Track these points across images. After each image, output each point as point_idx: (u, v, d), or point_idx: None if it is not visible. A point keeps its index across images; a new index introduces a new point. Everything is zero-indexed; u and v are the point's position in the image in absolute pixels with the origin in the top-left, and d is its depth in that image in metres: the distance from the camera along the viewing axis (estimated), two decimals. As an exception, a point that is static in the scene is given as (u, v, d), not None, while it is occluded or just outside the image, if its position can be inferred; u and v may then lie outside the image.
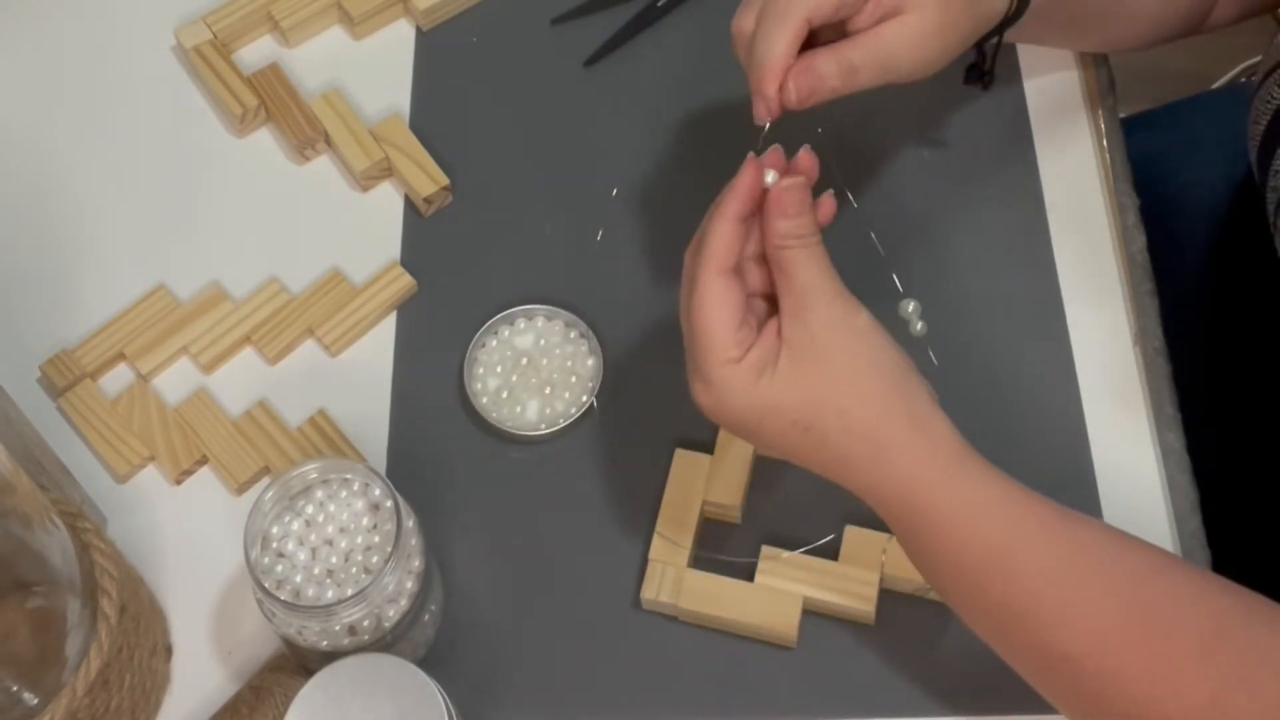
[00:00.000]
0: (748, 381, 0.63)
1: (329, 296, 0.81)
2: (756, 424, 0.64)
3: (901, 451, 0.63)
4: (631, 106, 0.87)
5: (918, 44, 0.69)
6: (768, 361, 0.63)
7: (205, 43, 0.88)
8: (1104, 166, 0.84)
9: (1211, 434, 0.80)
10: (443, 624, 0.73)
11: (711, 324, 0.64)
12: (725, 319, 0.64)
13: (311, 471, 0.67)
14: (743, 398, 0.64)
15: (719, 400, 0.64)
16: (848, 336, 0.64)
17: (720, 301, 0.64)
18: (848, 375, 0.63)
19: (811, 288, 0.63)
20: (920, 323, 0.77)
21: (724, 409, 0.64)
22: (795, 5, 0.66)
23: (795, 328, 0.63)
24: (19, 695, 0.62)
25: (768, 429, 0.64)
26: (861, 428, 0.63)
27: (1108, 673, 0.60)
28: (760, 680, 0.71)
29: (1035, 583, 0.61)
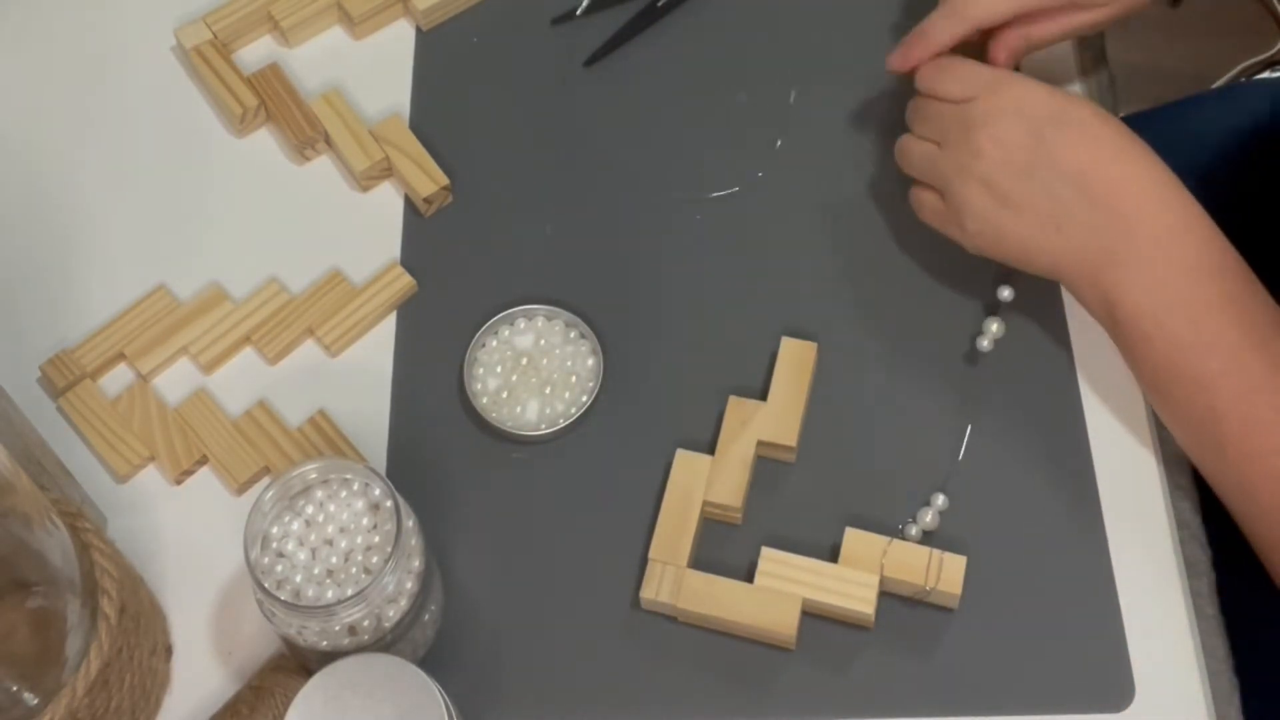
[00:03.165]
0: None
1: (329, 296, 0.81)
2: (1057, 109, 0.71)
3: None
4: (631, 106, 0.87)
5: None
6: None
7: (205, 43, 0.88)
8: (1104, 167, 0.84)
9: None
10: (443, 624, 0.73)
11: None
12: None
13: (311, 471, 0.67)
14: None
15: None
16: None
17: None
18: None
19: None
20: (988, 341, 0.78)
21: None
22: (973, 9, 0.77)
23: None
24: (19, 695, 0.62)
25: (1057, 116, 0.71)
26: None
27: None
28: (759, 681, 0.71)
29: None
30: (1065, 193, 0.70)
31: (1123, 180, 0.70)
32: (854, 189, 0.84)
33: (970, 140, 0.73)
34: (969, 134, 0.73)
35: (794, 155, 0.85)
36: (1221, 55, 1.78)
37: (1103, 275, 0.70)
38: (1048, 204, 0.71)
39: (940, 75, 0.76)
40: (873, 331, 0.80)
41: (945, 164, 0.74)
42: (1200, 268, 0.69)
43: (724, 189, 0.84)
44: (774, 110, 0.87)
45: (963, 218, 0.74)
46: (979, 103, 0.73)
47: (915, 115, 0.77)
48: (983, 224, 0.73)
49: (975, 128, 0.72)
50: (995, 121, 0.72)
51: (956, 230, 0.75)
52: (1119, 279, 0.69)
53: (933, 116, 0.76)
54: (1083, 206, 0.70)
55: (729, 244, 0.83)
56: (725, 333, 0.80)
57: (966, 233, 0.74)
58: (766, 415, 0.76)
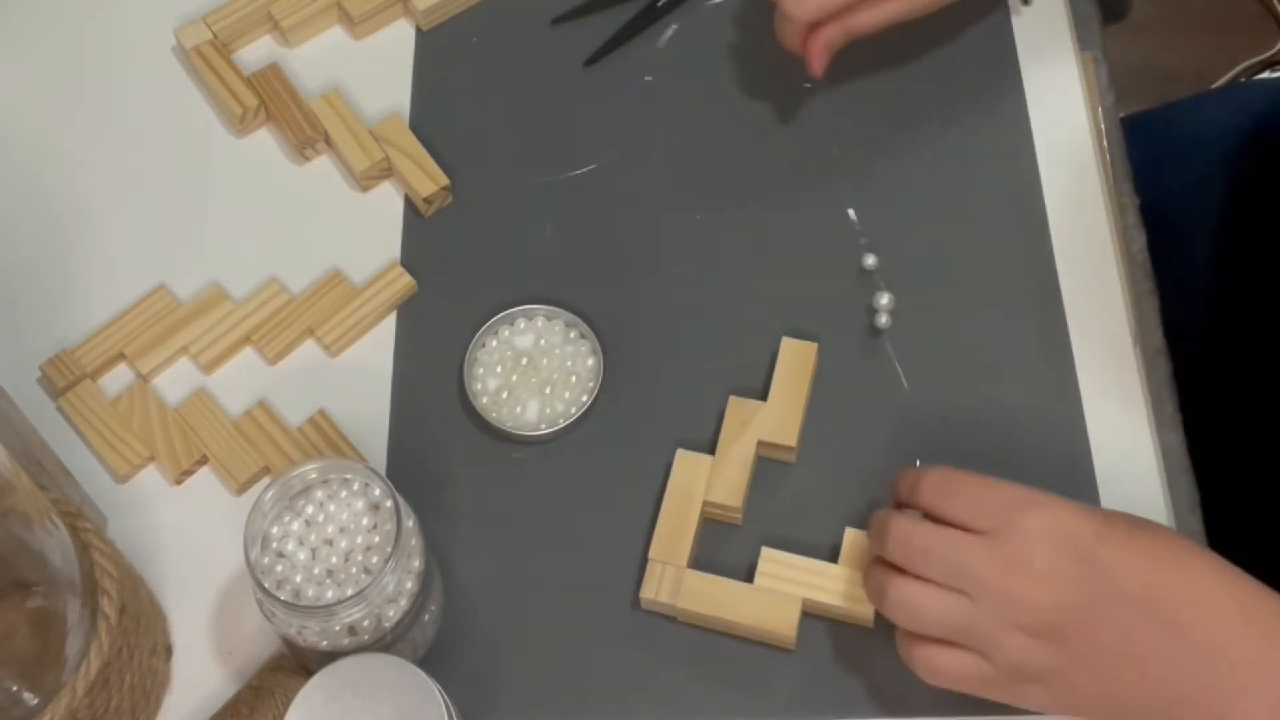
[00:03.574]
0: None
1: (329, 296, 0.81)
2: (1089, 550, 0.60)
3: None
4: (631, 106, 0.87)
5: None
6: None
7: (205, 43, 0.88)
8: (1104, 166, 0.84)
9: (1211, 434, 0.80)
10: (443, 624, 0.73)
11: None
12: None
13: (311, 471, 0.67)
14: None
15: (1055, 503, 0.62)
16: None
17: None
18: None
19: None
20: (886, 316, 0.77)
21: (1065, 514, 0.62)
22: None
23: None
24: (19, 695, 0.62)
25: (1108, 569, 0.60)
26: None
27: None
28: (759, 681, 0.71)
29: None
30: (1137, 622, 0.60)
31: (1199, 598, 0.60)
32: (853, 184, 0.84)
33: (1008, 587, 0.61)
34: (1006, 580, 0.61)
35: (794, 154, 0.85)
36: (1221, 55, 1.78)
37: (1212, 712, 0.60)
38: (1121, 642, 0.60)
39: (946, 497, 0.63)
40: (873, 332, 0.80)
41: (985, 621, 0.61)
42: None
43: (723, 188, 0.84)
44: (773, 109, 0.87)
45: (1023, 684, 0.62)
46: (1004, 539, 0.61)
47: (912, 553, 0.63)
48: (1050, 686, 0.62)
49: (1010, 571, 0.61)
50: (1033, 557, 0.60)
51: (1014, 695, 0.63)
52: (1228, 712, 0.60)
53: (945, 558, 0.62)
54: (1160, 636, 0.60)
55: (729, 244, 0.83)
56: (725, 333, 0.80)
57: (1028, 698, 0.63)
58: (767, 415, 0.76)
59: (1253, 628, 0.60)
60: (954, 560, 0.62)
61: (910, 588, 0.63)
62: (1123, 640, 0.60)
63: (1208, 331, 0.94)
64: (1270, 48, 1.78)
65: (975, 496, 0.63)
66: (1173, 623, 0.60)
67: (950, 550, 0.62)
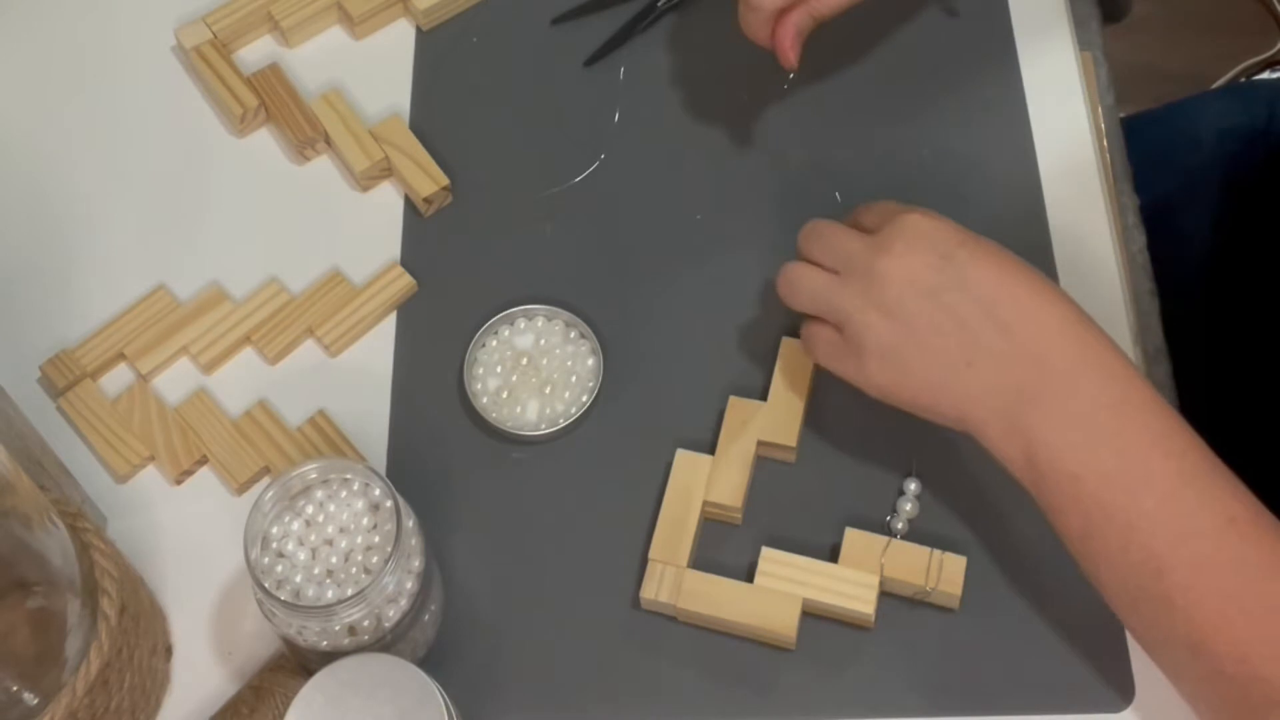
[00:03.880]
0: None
1: (329, 296, 0.81)
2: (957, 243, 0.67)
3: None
4: (631, 106, 0.87)
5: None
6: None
7: (205, 43, 0.88)
8: (1104, 166, 0.84)
9: (1211, 433, 0.80)
10: (443, 624, 0.73)
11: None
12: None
13: (311, 471, 0.67)
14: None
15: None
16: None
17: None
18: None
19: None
20: (912, 502, 0.75)
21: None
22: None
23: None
24: (19, 695, 0.62)
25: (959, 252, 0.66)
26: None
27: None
28: (759, 681, 0.71)
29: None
30: (975, 318, 0.65)
31: (1035, 310, 0.65)
32: (855, 187, 0.84)
33: (873, 266, 0.67)
34: (872, 259, 0.67)
35: (794, 154, 0.85)
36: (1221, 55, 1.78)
37: (1017, 417, 0.64)
38: (956, 332, 0.66)
39: (864, 213, 0.72)
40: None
41: (843, 294, 0.68)
42: (1123, 402, 0.64)
43: (724, 188, 0.85)
44: (773, 109, 0.87)
45: (863, 353, 0.68)
46: (883, 232, 0.68)
47: (810, 239, 0.72)
48: (884, 359, 0.67)
49: (879, 253, 0.67)
50: (902, 246, 0.67)
51: (854, 368, 0.69)
52: (1036, 419, 0.64)
53: (832, 243, 0.70)
54: (994, 335, 0.65)
55: (730, 243, 0.83)
56: (726, 333, 0.80)
57: (866, 371, 0.68)
58: (767, 415, 0.76)
59: (1076, 348, 0.65)
60: (836, 245, 0.70)
61: (797, 267, 0.72)
62: (957, 328, 0.66)
63: (1207, 331, 0.94)
64: (1270, 48, 1.78)
65: (880, 207, 0.71)
66: (1005, 325, 0.65)
67: (836, 238, 0.70)
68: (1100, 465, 0.63)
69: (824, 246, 0.71)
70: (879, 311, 0.67)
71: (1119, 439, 0.63)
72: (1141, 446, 0.63)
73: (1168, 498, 0.62)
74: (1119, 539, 0.63)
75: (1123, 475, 0.63)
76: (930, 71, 0.87)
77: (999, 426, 0.65)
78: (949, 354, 0.66)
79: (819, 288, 0.70)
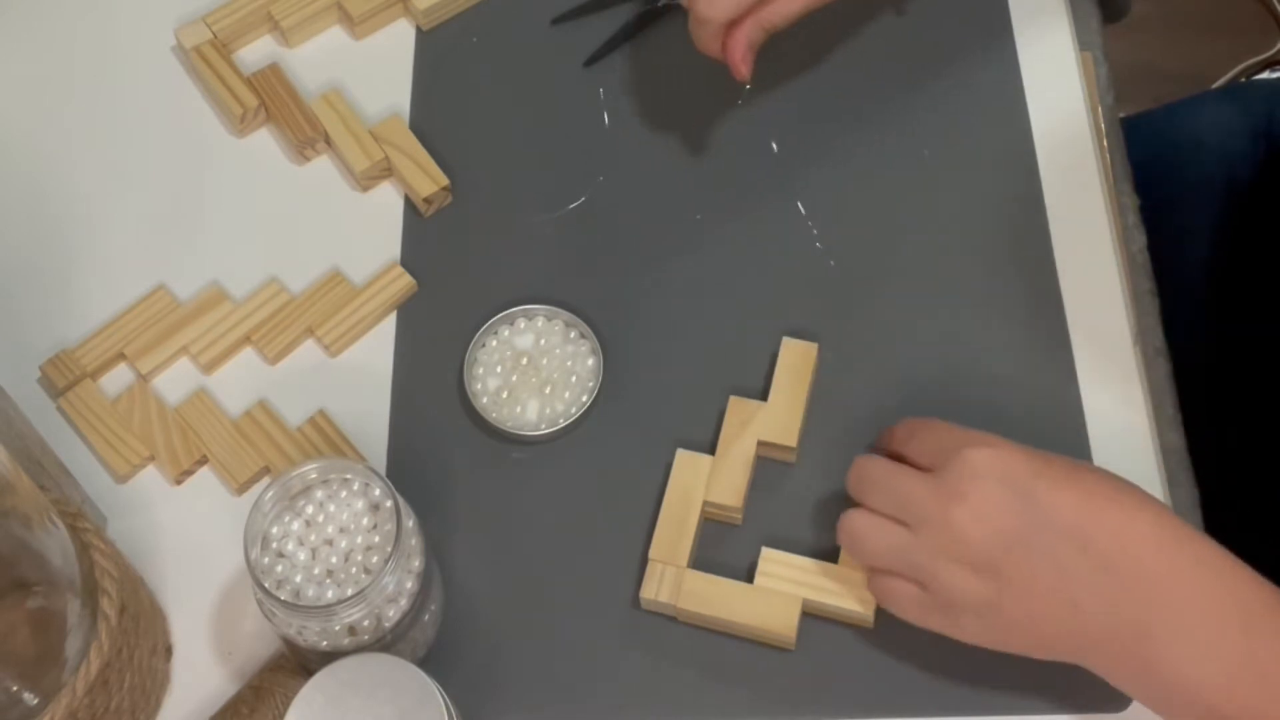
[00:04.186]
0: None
1: (329, 296, 0.81)
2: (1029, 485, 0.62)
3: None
4: (631, 106, 0.87)
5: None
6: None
7: (205, 43, 0.88)
8: (1104, 166, 0.84)
9: (1211, 433, 0.80)
10: (443, 624, 0.73)
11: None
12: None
13: (311, 471, 0.67)
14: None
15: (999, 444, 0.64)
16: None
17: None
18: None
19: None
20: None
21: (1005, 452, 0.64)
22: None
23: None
24: (19, 695, 0.62)
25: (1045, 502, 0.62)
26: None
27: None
28: (759, 682, 0.71)
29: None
30: (1070, 557, 0.61)
31: (1128, 531, 0.61)
32: (854, 187, 0.84)
33: (948, 519, 0.63)
34: (945, 511, 0.63)
35: (793, 155, 0.85)
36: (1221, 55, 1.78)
37: (1139, 651, 0.61)
38: (1054, 576, 0.61)
39: (908, 440, 0.68)
40: (874, 332, 0.80)
41: (921, 552, 0.64)
42: (1243, 613, 0.60)
43: (724, 188, 0.85)
44: (773, 109, 0.87)
45: (954, 610, 0.64)
46: (948, 473, 0.64)
47: (864, 485, 0.67)
48: (981, 616, 0.63)
49: (951, 503, 0.63)
50: (975, 494, 0.63)
51: (948, 625, 0.65)
52: (1161, 654, 0.60)
53: (890, 489, 0.66)
54: (1093, 572, 0.61)
55: (730, 243, 0.83)
56: (726, 333, 0.80)
57: (961, 626, 0.64)
58: (767, 415, 0.76)
59: (1185, 568, 0.61)
60: (898, 492, 0.65)
61: (859, 518, 0.67)
62: (1055, 573, 0.61)
63: (1207, 331, 0.94)
64: (1270, 48, 1.78)
65: (931, 437, 0.66)
66: (1104, 558, 0.61)
67: (895, 482, 0.65)
68: (1244, 699, 0.60)
69: (881, 494, 0.66)
70: (965, 567, 0.63)
71: (1255, 663, 0.60)
72: (1276, 660, 0.60)
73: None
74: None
75: (1267, 701, 0.59)
76: (930, 71, 0.87)
77: (1123, 667, 0.62)
78: (1050, 601, 0.62)
79: (891, 546, 0.65)
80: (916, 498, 0.64)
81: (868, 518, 0.66)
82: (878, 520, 0.66)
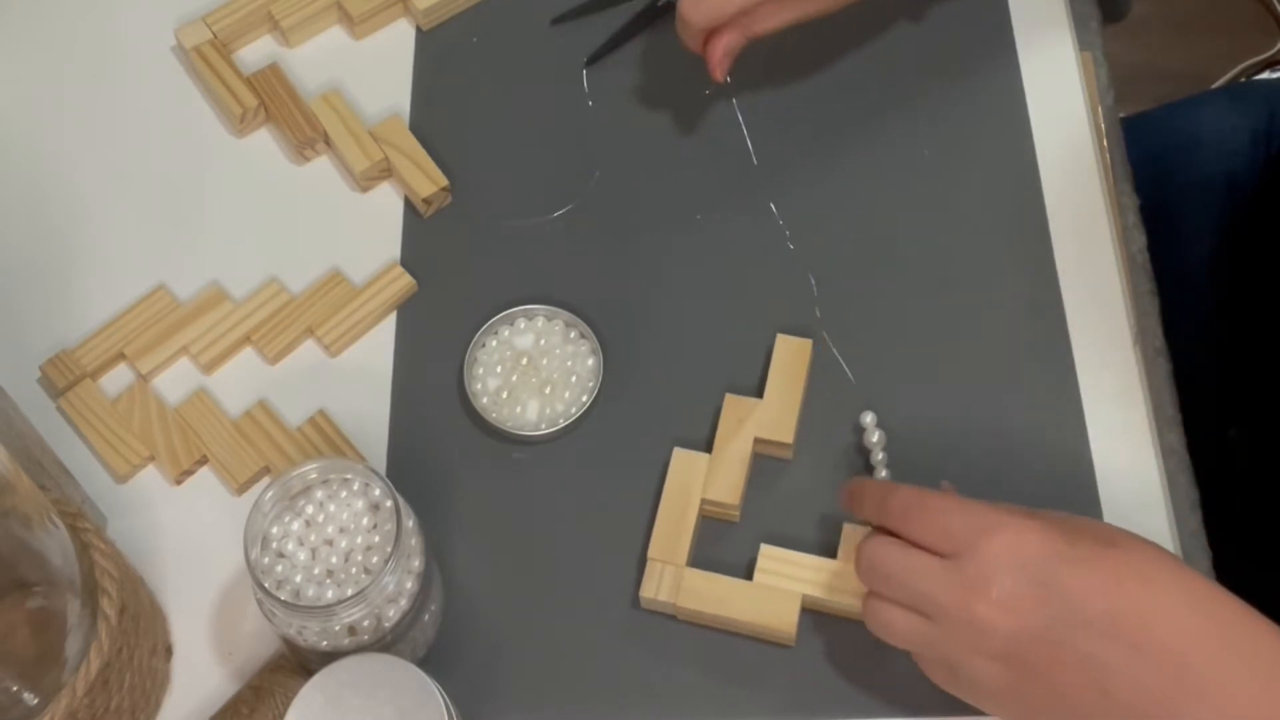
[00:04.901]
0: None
1: (329, 296, 0.81)
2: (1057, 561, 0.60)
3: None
4: (631, 106, 0.87)
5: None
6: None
7: (205, 43, 0.88)
8: (1104, 166, 0.84)
9: (1211, 434, 0.80)
10: (443, 624, 0.73)
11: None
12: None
13: (311, 471, 0.67)
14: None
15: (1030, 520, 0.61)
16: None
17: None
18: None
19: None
20: (878, 433, 0.75)
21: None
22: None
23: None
24: (19, 695, 0.62)
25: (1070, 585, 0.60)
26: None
27: None
28: (760, 679, 0.71)
29: None
30: (1099, 647, 0.59)
31: (1157, 609, 0.59)
32: (851, 184, 0.84)
33: (972, 614, 0.60)
34: (967, 605, 0.61)
35: (792, 155, 0.85)
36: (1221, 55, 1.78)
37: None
38: (1080, 664, 0.59)
39: (911, 520, 0.64)
40: (872, 331, 0.80)
41: (946, 644, 0.62)
42: (1273, 679, 0.58)
43: (722, 188, 0.85)
44: (773, 110, 0.87)
45: (979, 693, 0.63)
46: (966, 563, 0.61)
47: (876, 577, 0.64)
48: (1006, 704, 0.62)
49: (973, 597, 0.60)
50: (996, 588, 0.60)
51: (975, 699, 0.64)
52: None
53: (906, 584, 0.63)
54: (1123, 657, 0.59)
55: (727, 243, 0.83)
56: (722, 331, 0.80)
57: (988, 707, 0.63)
58: (763, 413, 0.76)
59: (1214, 639, 0.59)
60: (915, 586, 0.62)
61: (879, 608, 0.64)
62: (1083, 663, 0.59)
63: (1207, 331, 0.94)
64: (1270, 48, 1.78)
65: (940, 518, 0.63)
66: (1134, 641, 0.59)
67: (912, 576, 0.63)
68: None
69: (897, 588, 0.63)
70: (991, 659, 0.61)
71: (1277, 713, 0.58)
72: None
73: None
74: None
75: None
76: (930, 71, 0.87)
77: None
78: (1079, 690, 0.60)
79: (914, 638, 0.64)
80: (935, 592, 0.62)
81: (887, 609, 0.64)
82: (900, 611, 0.64)
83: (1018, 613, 0.60)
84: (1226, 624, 0.59)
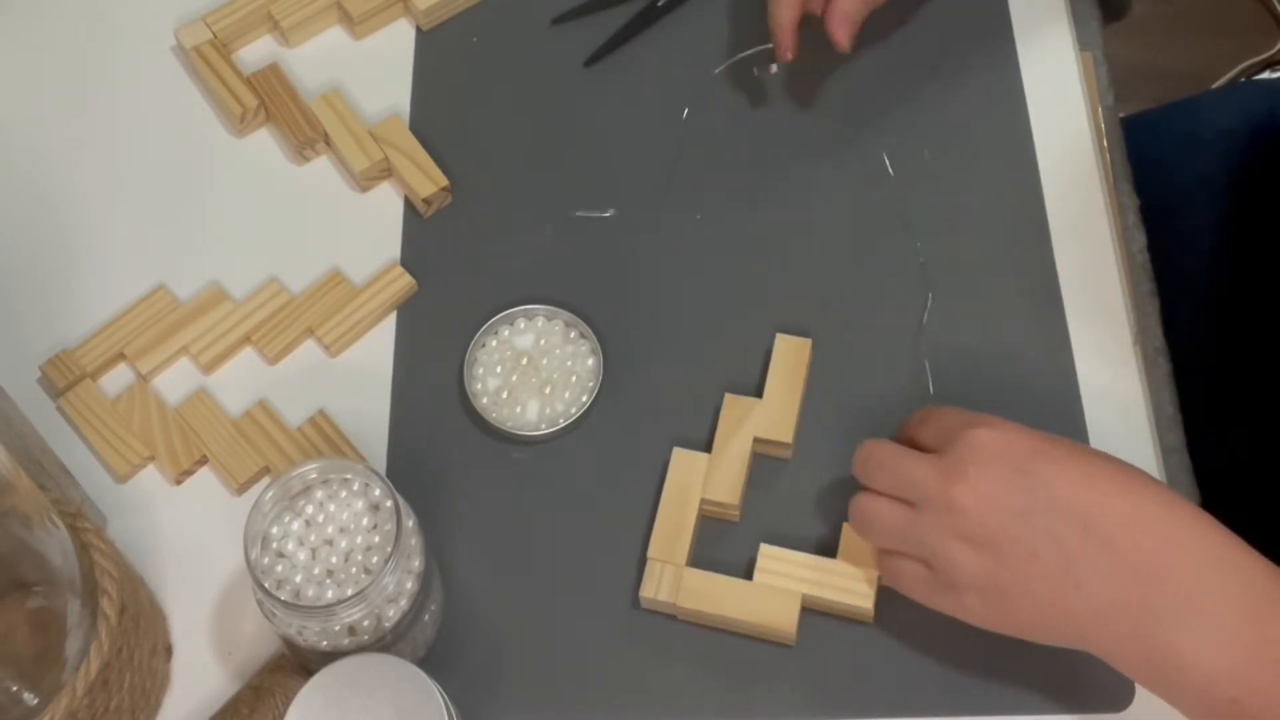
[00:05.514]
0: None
1: (329, 296, 0.81)
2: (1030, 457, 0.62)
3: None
4: (631, 106, 0.87)
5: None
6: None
7: (205, 43, 0.88)
8: (1104, 166, 0.84)
9: (1211, 434, 0.80)
10: (443, 624, 0.73)
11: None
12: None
13: (311, 471, 0.67)
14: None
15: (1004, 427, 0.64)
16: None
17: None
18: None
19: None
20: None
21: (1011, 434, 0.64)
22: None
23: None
24: (19, 695, 0.62)
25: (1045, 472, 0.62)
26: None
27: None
28: (760, 679, 0.71)
29: None
30: (1071, 536, 0.61)
31: (1132, 513, 0.61)
32: (850, 184, 0.84)
33: (949, 497, 0.63)
34: (946, 489, 0.63)
35: (791, 155, 0.85)
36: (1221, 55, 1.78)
37: (1144, 632, 0.60)
38: (1054, 555, 0.61)
39: (920, 426, 0.68)
40: (870, 330, 0.80)
41: (923, 530, 0.64)
42: (1251, 596, 0.59)
43: (722, 188, 0.85)
44: (772, 109, 0.87)
45: (959, 590, 0.64)
46: (951, 452, 0.64)
47: (869, 468, 0.67)
48: (983, 593, 0.63)
49: (952, 481, 0.63)
50: (975, 471, 0.63)
51: (952, 603, 0.65)
52: (1168, 637, 0.59)
53: (895, 471, 0.66)
54: (1096, 551, 0.60)
55: (727, 243, 0.83)
56: (721, 331, 0.80)
57: (965, 606, 0.64)
58: (762, 412, 0.76)
59: (1187, 546, 0.60)
60: (902, 472, 0.65)
61: (866, 499, 0.67)
62: (1056, 551, 0.61)
63: (1207, 331, 0.94)
64: (1270, 48, 1.78)
65: (938, 421, 0.67)
66: (1107, 537, 0.60)
67: (899, 463, 0.66)
68: (1263, 690, 0.58)
69: (887, 476, 0.66)
70: (966, 544, 0.63)
71: (1265, 645, 0.58)
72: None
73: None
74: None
75: (1276, 685, 0.58)
76: (930, 71, 0.87)
77: (1127, 650, 0.61)
78: (1052, 579, 0.61)
79: (896, 525, 0.66)
80: (919, 477, 0.65)
81: (874, 501, 0.67)
82: (883, 502, 0.66)
83: (994, 496, 0.62)
84: (1203, 537, 0.60)
